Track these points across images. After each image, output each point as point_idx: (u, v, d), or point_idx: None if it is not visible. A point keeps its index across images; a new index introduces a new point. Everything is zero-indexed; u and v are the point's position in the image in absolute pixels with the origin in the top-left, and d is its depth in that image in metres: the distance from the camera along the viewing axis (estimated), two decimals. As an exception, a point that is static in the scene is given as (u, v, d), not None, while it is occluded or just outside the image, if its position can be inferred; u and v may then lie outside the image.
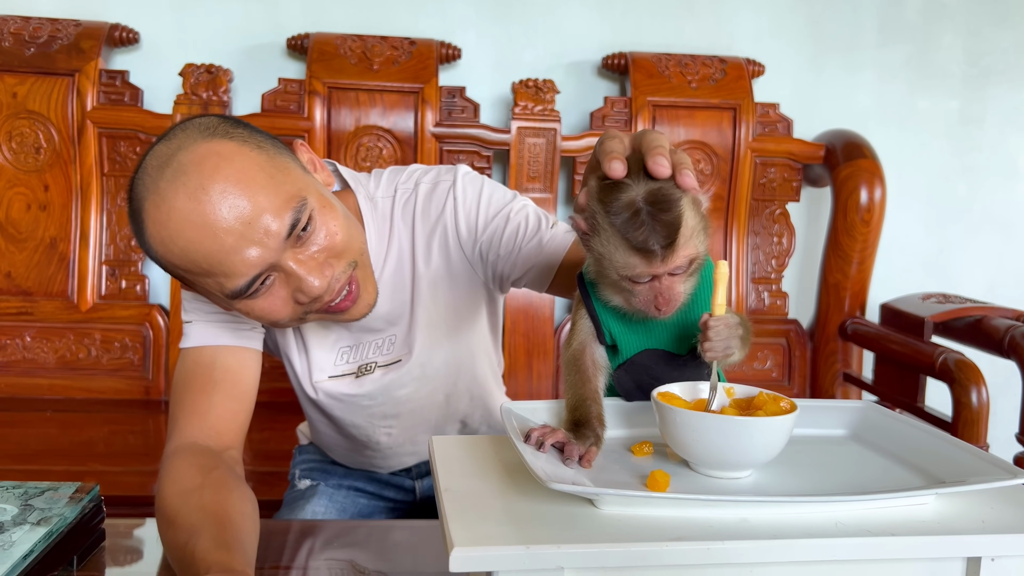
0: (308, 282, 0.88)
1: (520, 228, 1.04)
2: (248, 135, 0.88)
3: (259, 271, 0.86)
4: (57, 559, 0.81)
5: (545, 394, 2.05)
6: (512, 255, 1.05)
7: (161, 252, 0.86)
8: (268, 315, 0.90)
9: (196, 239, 0.83)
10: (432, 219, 1.06)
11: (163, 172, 0.84)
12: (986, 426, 1.69)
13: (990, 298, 2.31)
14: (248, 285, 0.86)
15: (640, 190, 0.69)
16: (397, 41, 2.06)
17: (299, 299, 0.90)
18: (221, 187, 0.83)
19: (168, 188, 0.83)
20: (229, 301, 0.89)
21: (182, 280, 0.92)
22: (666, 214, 0.68)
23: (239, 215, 0.83)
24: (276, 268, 0.87)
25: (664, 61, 2.14)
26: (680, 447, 0.69)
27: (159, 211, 0.84)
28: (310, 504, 1.21)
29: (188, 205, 0.82)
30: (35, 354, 2.00)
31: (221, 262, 0.84)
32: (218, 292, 0.88)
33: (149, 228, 0.86)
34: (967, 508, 0.65)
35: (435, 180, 1.08)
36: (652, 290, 0.71)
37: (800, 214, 2.30)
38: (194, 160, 0.84)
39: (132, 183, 0.88)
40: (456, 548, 0.56)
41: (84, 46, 1.99)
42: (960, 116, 2.35)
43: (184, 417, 0.97)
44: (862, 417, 0.81)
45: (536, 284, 1.06)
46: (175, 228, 0.83)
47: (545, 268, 1.03)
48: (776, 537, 0.59)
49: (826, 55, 2.30)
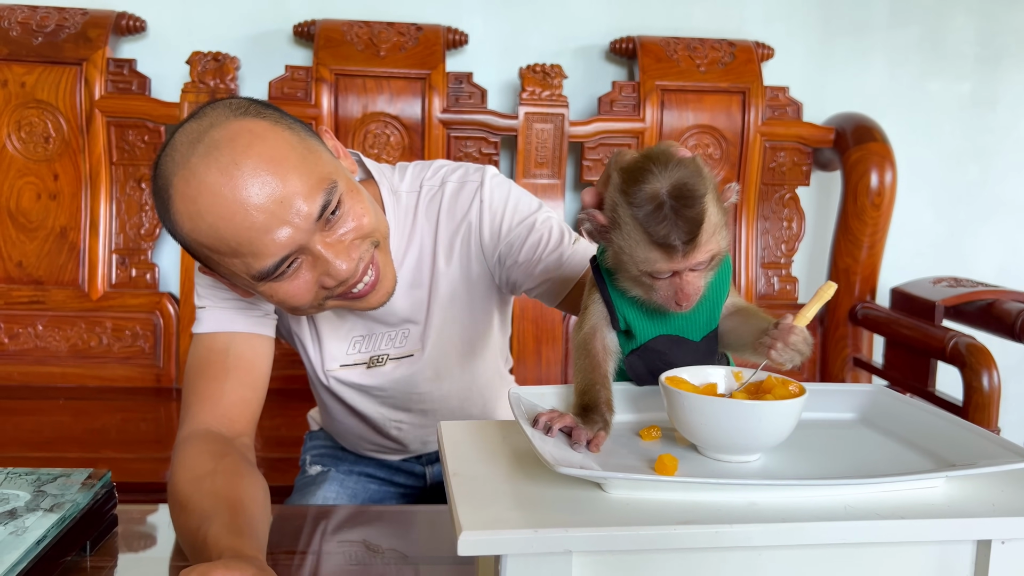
0: (336, 265, 0.87)
1: (542, 240, 1.04)
2: (280, 116, 0.88)
3: (288, 252, 0.85)
4: (70, 545, 0.82)
5: (554, 380, 2.05)
6: (530, 265, 1.05)
7: (188, 229, 0.85)
8: (291, 299, 0.90)
9: (226, 215, 0.82)
10: (457, 219, 1.06)
11: (195, 148, 0.83)
12: (997, 410, 1.68)
13: (1001, 282, 2.29)
14: (276, 266, 0.85)
15: (664, 182, 0.67)
16: (404, 27, 2.05)
17: (325, 283, 0.89)
18: (254, 164, 0.82)
19: (200, 164, 0.82)
20: (253, 283, 0.88)
21: (206, 260, 0.90)
22: (689, 209, 0.67)
23: (271, 194, 0.82)
24: (304, 251, 0.86)
25: (672, 45, 2.12)
26: (688, 431, 0.69)
27: (189, 186, 0.83)
28: (321, 490, 1.22)
29: (220, 180, 0.81)
30: (47, 342, 2.01)
31: (250, 241, 0.83)
32: (243, 273, 0.87)
33: (177, 204, 0.84)
34: (977, 491, 0.65)
35: (462, 179, 1.07)
36: (672, 286, 0.70)
37: (810, 198, 2.29)
38: (227, 137, 0.83)
39: (159, 160, 0.87)
40: (464, 532, 0.56)
41: (91, 35, 1.99)
42: (972, 98, 2.33)
43: (197, 403, 0.97)
44: (871, 401, 0.81)
45: (548, 297, 1.07)
46: (205, 204, 0.82)
47: (561, 283, 1.04)
48: (785, 520, 0.59)
49: (836, 37, 2.28)
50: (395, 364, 1.11)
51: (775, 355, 0.69)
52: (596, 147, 2.10)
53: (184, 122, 0.87)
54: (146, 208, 2.05)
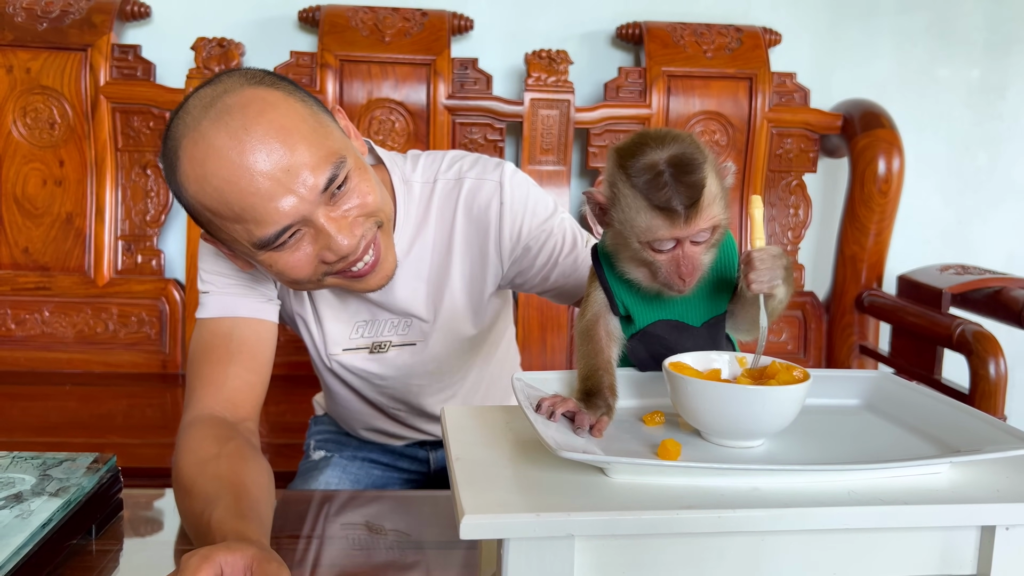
0: (337, 240, 0.87)
1: (557, 246, 1.05)
2: (293, 88, 0.89)
3: (290, 222, 0.85)
4: (75, 528, 0.82)
5: (559, 367, 2.05)
6: (545, 269, 1.06)
7: (193, 191, 0.85)
8: (290, 271, 0.90)
9: (232, 179, 0.82)
10: (476, 219, 1.06)
11: (206, 112, 0.84)
12: (1004, 398, 1.68)
13: (1009, 269, 2.28)
14: (277, 235, 0.86)
15: (662, 154, 0.68)
16: (409, 12, 2.04)
17: (326, 258, 0.89)
18: (263, 131, 0.83)
19: (210, 127, 0.83)
20: (254, 251, 0.88)
21: (208, 225, 0.90)
22: (689, 176, 0.67)
23: (278, 161, 0.83)
24: (307, 223, 0.87)
25: (679, 30, 2.11)
26: (692, 416, 0.69)
27: (197, 148, 0.83)
28: (324, 475, 1.22)
29: (228, 144, 0.82)
30: (54, 328, 2.02)
31: (254, 206, 0.84)
32: (245, 240, 0.87)
33: (185, 166, 0.85)
34: (982, 477, 0.65)
35: (481, 176, 1.06)
36: (674, 259, 0.70)
37: (817, 185, 2.27)
38: (239, 103, 0.84)
39: (170, 123, 0.88)
40: (467, 516, 0.56)
41: (96, 20, 1.99)
42: (981, 84, 2.31)
43: (201, 388, 0.98)
44: (876, 387, 0.81)
45: (561, 299, 1.08)
46: (212, 166, 0.83)
47: (575, 287, 1.05)
48: (788, 506, 0.59)
49: (844, 23, 2.26)
50: (398, 351, 1.11)
51: (756, 286, 0.69)
52: (602, 133, 2.09)
53: (199, 87, 0.88)
54: (152, 194, 2.05)
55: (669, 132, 0.70)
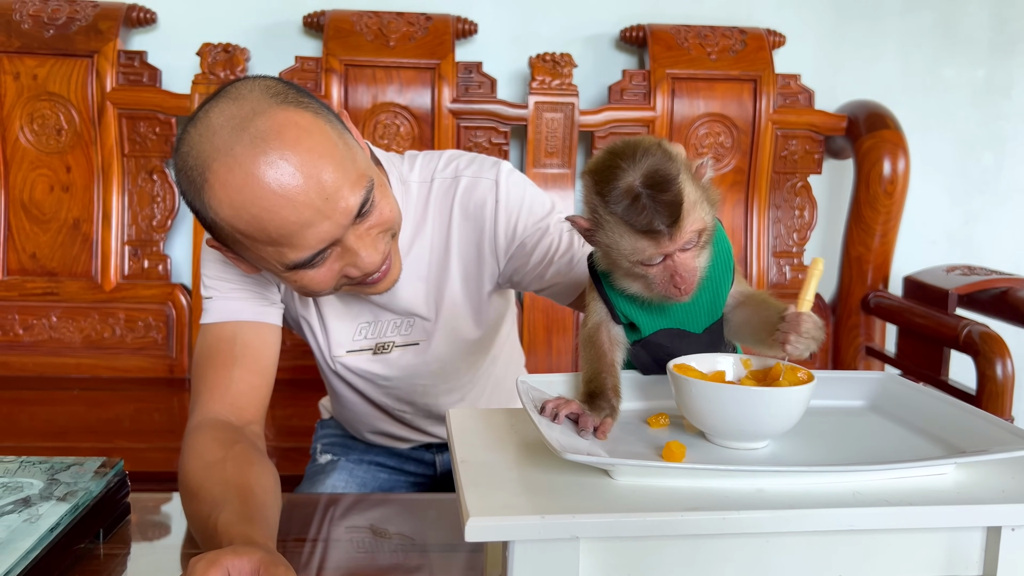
0: (363, 258, 0.88)
1: (553, 244, 1.05)
2: (318, 107, 0.88)
3: (325, 246, 0.86)
4: (83, 532, 0.83)
5: (565, 370, 2.05)
6: (540, 268, 1.05)
7: (226, 215, 0.84)
8: (314, 286, 0.90)
9: (273, 208, 0.82)
10: (472, 216, 1.06)
11: (239, 136, 0.81)
12: (1011, 399, 1.67)
13: (1016, 269, 2.27)
14: (311, 258, 0.86)
15: (635, 174, 0.68)
16: (413, 17, 2.05)
17: (350, 273, 0.90)
18: (302, 160, 0.82)
19: (246, 154, 0.81)
20: (280, 270, 0.88)
21: (234, 244, 0.89)
22: (665, 194, 0.67)
23: (320, 190, 0.83)
24: (337, 243, 0.87)
25: (683, 32, 2.11)
26: (696, 418, 0.69)
27: (233, 175, 0.81)
28: (330, 478, 1.22)
29: (269, 173, 0.81)
30: (61, 333, 2.03)
31: (293, 234, 0.83)
32: (275, 261, 0.87)
33: (217, 191, 0.82)
34: (987, 478, 0.65)
35: (477, 175, 1.06)
36: (667, 270, 0.70)
37: (822, 187, 2.27)
38: (274, 128, 0.82)
39: (187, 137, 0.85)
40: (472, 518, 0.56)
41: (102, 27, 2.00)
42: (986, 84, 2.30)
43: (206, 392, 0.98)
44: (881, 388, 0.81)
45: (559, 298, 1.08)
46: (251, 195, 0.81)
47: (572, 285, 1.05)
48: (793, 507, 0.59)
49: (848, 24, 2.26)
50: (401, 352, 1.11)
51: (791, 349, 0.69)
52: (607, 136, 2.09)
53: (214, 99, 0.85)
54: (158, 199, 2.06)
55: (638, 144, 0.70)
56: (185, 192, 0.87)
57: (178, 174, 0.88)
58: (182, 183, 0.87)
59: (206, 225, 0.89)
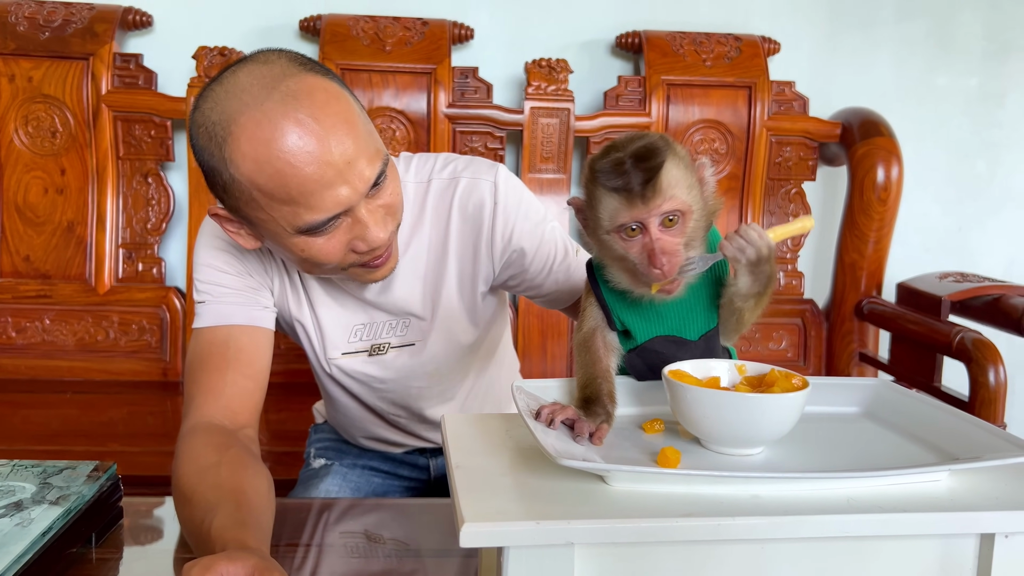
0: (372, 232, 0.89)
1: (551, 253, 1.07)
2: (340, 81, 0.91)
3: (340, 210, 0.87)
4: (75, 536, 0.83)
5: (559, 375, 2.05)
6: (540, 277, 1.07)
7: (248, 169, 0.84)
8: (321, 256, 0.91)
9: (298, 165, 0.83)
10: (470, 218, 1.06)
11: (269, 94, 0.83)
12: (1004, 406, 1.68)
13: (1008, 277, 2.28)
14: (325, 222, 0.87)
15: (627, 150, 0.71)
16: (409, 22, 2.05)
17: (357, 247, 0.91)
18: (332, 122, 0.84)
19: (276, 109, 0.83)
20: (290, 234, 0.88)
21: (247, 203, 0.88)
22: (647, 162, 0.69)
23: (344, 153, 0.85)
24: (349, 212, 0.88)
25: (678, 39, 2.12)
26: (691, 424, 0.69)
27: (261, 129, 0.83)
28: (324, 483, 1.22)
29: (298, 130, 0.83)
30: (54, 336, 2.02)
31: (312, 193, 0.84)
32: (288, 223, 0.87)
33: (242, 144, 0.83)
34: (981, 485, 0.65)
35: (475, 176, 1.07)
36: (644, 246, 0.71)
37: (816, 193, 2.28)
38: (304, 90, 0.84)
39: (212, 95, 0.86)
40: (467, 524, 0.56)
41: (98, 30, 2.00)
42: (979, 92, 2.32)
43: (200, 396, 0.98)
44: (875, 395, 0.81)
45: (552, 305, 1.09)
46: (278, 149, 0.83)
47: (569, 294, 1.06)
48: (787, 513, 0.59)
49: (843, 31, 2.27)
50: (396, 353, 1.11)
51: (728, 251, 0.71)
52: (602, 142, 2.09)
53: (240, 63, 0.87)
54: (153, 202, 2.05)
55: (640, 134, 0.73)
56: (203, 149, 0.88)
57: (196, 131, 0.88)
58: (200, 140, 0.88)
59: (219, 185, 0.89)
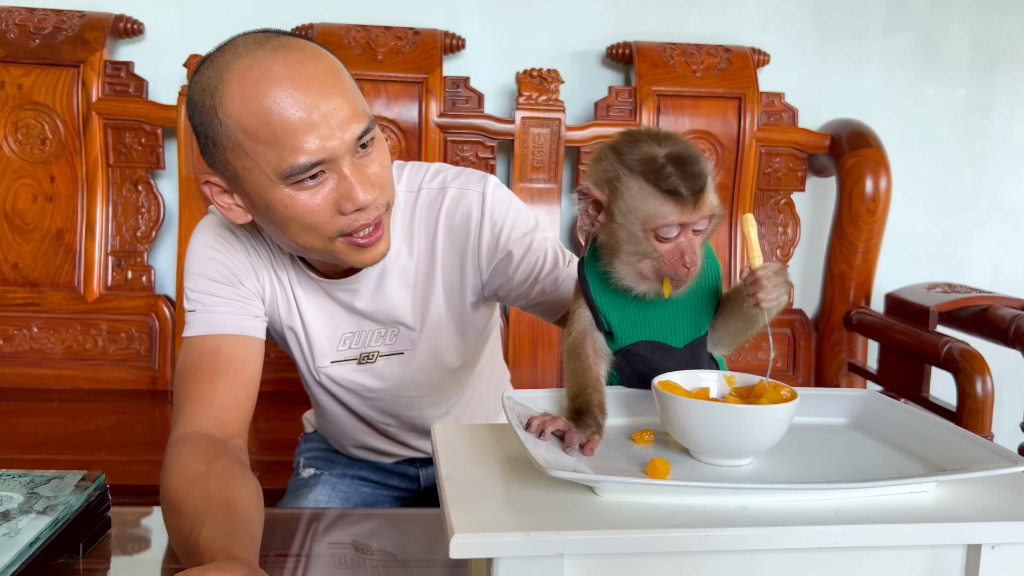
0: (357, 191, 0.90)
1: (538, 262, 1.06)
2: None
3: (323, 157, 0.88)
4: (63, 547, 0.82)
5: (549, 384, 2.05)
6: (525, 286, 1.06)
7: (237, 109, 0.87)
8: (306, 215, 0.91)
9: (283, 102, 0.86)
10: (457, 227, 1.06)
11: (262, 46, 0.89)
12: (991, 416, 1.69)
13: (996, 287, 2.30)
14: (307, 167, 0.88)
15: (660, 150, 0.71)
16: (401, 31, 2.05)
17: (343, 207, 0.91)
18: (320, 70, 0.89)
19: (267, 56, 0.88)
20: (276, 183, 0.89)
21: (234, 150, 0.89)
22: (691, 166, 0.70)
23: (328, 98, 0.88)
24: (333, 167, 0.90)
25: (669, 50, 2.13)
26: (681, 435, 0.69)
27: (251, 71, 0.87)
28: (313, 493, 1.22)
29: (285, 72, 0.87)
30: (42, 344, 2.01)
31: (296, 132, 0.86)
32: (271, 168, 0.88)
33: (232, 86, 0.87)
34: (967, 496, 0.66)
35: (463, 187, 1.07)
36: (678, 247, 0.71)
37: (805, 204, 2.29)
38: (296, 44, 0.90)
39: (208, 61, 0.91)
40: (457, 534, 0.56)
41: (89, 37, 1.99)
42: (967, 104, 2.34)
43: (189, 405, 0.97)
44: (863, 406, 0.81)
45: (544, 316, 1.09)
46: (265, 87, 0.86)
47: (557, 303, 1.06)
48: (776, 524, 0.60)
49: (832, 44, 2.29)
50: (386, 361, 1.11)
51: (766, 304, 0.70)
52: (593, 152, 2.10)
53: (234, 38, 0.92)
54: (143, 210, 2.05)
55: (660, 131, 0.73)
56: (197, 106, 0.91)
57: (192, 92, 0.92)
58: (195, 98, 0.91)
59: (209, 140, 0.91)
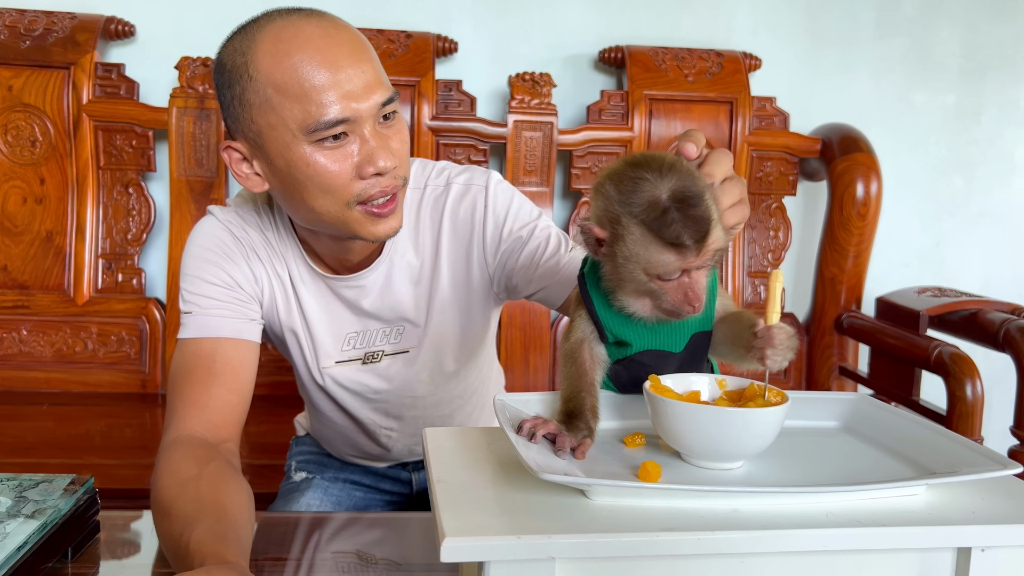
0: (378, 154, 0.92)
1: (540, 246, 1.06)
2: None
3: (348, 115, 0.90)
4: (51, 551, 0.81)
5: (542, 387, 2.05)
6: (528, 270, 1.06)
7: (267, 64, 0.90)
8: (326, 175, 0.92)
9: (314, 56, 0.90)
10: (461, 222, 1.07)
11: (297, 12, 0.94)
12: (981, 419, 1.69)
13: (986, 292, 2.31)
14: (331, 123, 0.90)
15: (663, 189, 0.68)
16: (393, 34, 2.05)
17: (363, 171, 0.92)
18: (350, 36, 0.94)
19: (301, 19, 0.92)
20: (300, 138, 0.91)
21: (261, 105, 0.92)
22: (694, 209, 0.68)
23: (357, 62, 0.92)
24: (356, 129, 0.92)
25: (661, 55, 2.14)
26: (672, 438, 0.69)
27: (284, 31, 0.91)
28: (304, 496, 1.21)
29: (317, 32, 0.91)
30: (32, 347, 2.00)
31: (323, 88, 0.89)
32: (297, 123, 0.90)
33: (264, 43, 0.91)
34: (958, 499, 0.66)
35: (467, 183, 1.08)
36: (682, 287, 0.70)
37: (796, 208, 2.30)
38: (328, 14, 0.95)
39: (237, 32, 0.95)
40: (448, 538, 0.56)
41: (80, 39, 1.99)
42: (957, 110, 2.35)
43: (182, 409, 0.97)
44: (854, 409, 0.81)
45: (549, 301, 1.09)
46: (297, 43, 0.90)
47: (560, 288, 1.06)
48: (767, 527, 0.60)
49: (823, 49, 2.30)
50: (391, 360, 1.11)
51: (770, 363, 0.69)
52: (584, 155, 2.10)
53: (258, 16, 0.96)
54: (133, 213, 2.04)
55: (663, 160, 0.70)
56: (227, 67, 0.94)
57: (221, 55, 0.96)
58: (224, 60, 0.95)
59: (235, 102, 0.94)
